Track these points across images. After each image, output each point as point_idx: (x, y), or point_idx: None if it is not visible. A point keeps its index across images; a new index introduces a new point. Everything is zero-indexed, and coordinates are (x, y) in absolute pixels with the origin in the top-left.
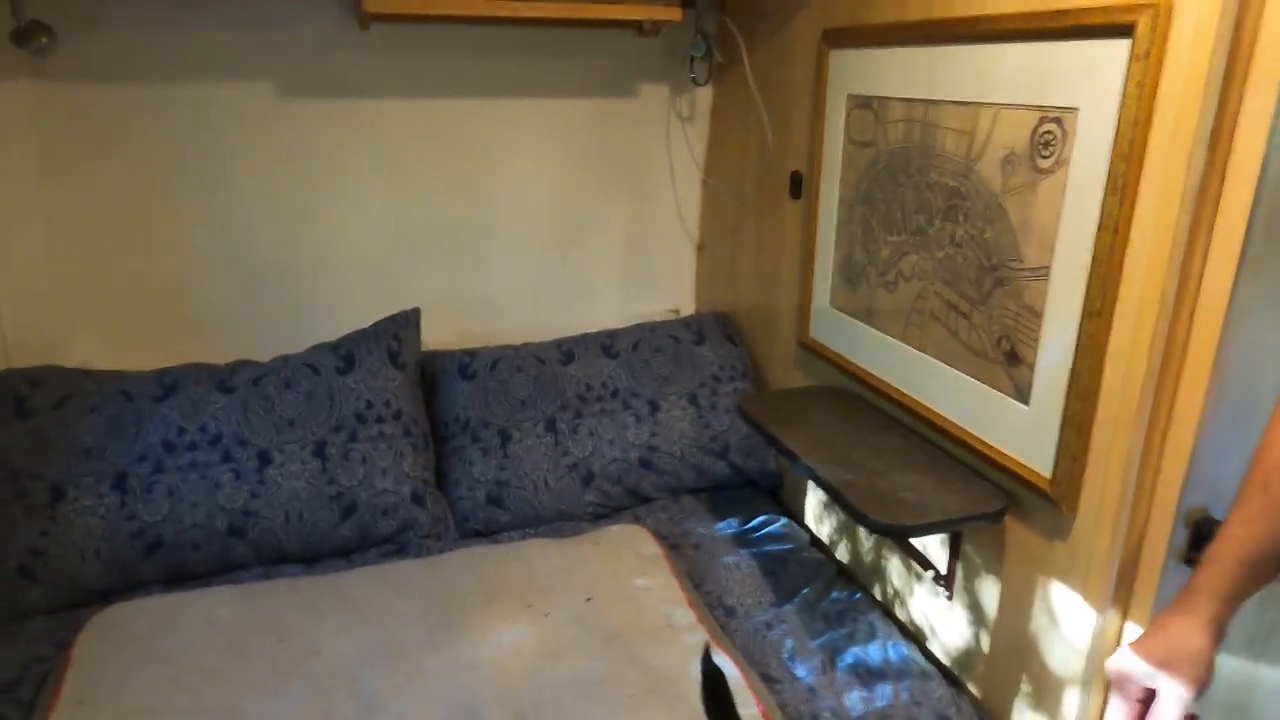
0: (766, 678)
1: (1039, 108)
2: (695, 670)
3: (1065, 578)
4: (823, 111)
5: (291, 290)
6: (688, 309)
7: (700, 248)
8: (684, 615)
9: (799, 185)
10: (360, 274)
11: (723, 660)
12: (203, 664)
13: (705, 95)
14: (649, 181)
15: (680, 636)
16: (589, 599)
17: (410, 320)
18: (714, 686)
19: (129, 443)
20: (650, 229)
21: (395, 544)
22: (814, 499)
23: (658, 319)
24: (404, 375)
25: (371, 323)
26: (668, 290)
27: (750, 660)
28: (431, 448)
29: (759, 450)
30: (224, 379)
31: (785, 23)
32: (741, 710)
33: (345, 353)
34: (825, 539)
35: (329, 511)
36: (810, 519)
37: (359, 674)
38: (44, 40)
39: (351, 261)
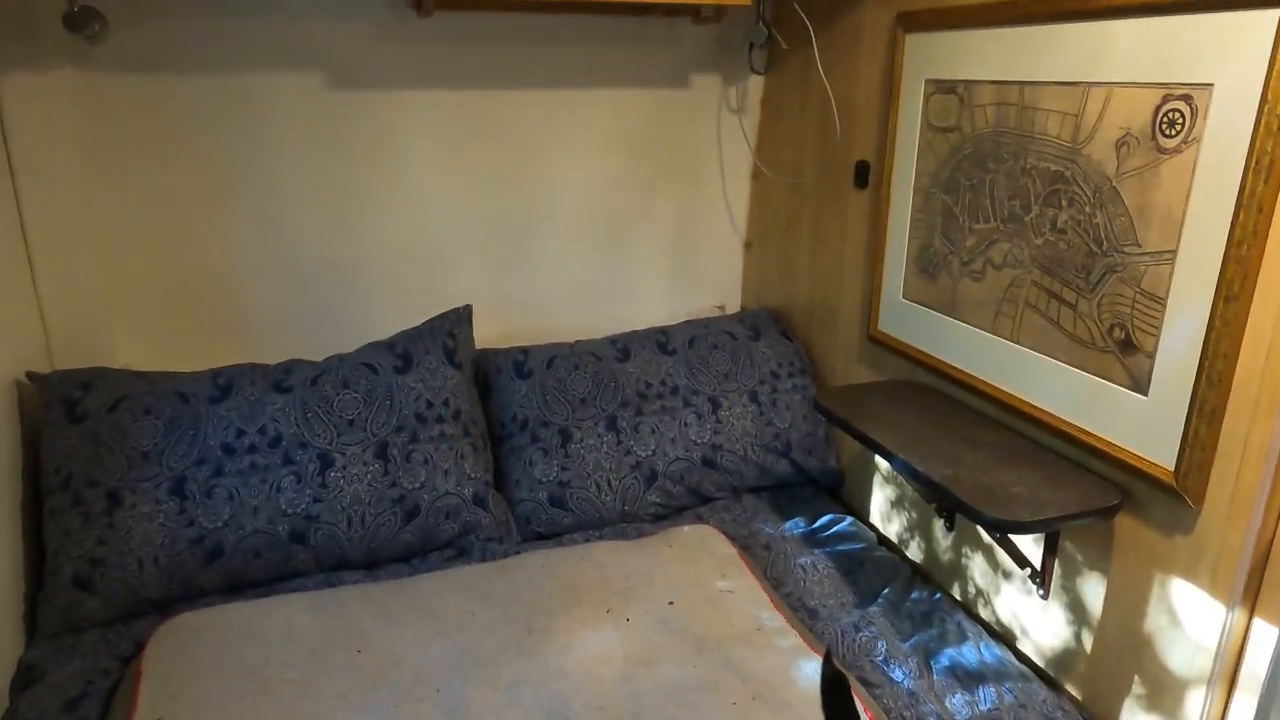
0: (864, 681)
1: (1163, 85)
2: (796, 672)
3: (1188, 573)
4: (896, 97)
5: (337, 287)
6: (733, 305)
7: (748, 244)
8: (772, 618)
9: (865, 175)
10: (406, 270)
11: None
12: (286, 676)
13: (756, 86)
14: (698, 174)
15: (773, 640)
16: (671, 602)
17: (463, 317)
18: (837, 692)
19: (187, 446)
20: (697, 223)
21: (456, 548)
22: (880, 496)
23: (704, 315)
24: (461, 374)
25: (419, 320)
26: (713, 286)
27: (844, 664)
28: (489, 449)
29: (820, 448)
30: (279, 379)
31: (854, 7)
32: None
33: (402, 351)
34: (894, 537)
35: (391, 515)
36: (877, 517)
37: (444, 684)
38: (96, 27)
39: (397, 257)
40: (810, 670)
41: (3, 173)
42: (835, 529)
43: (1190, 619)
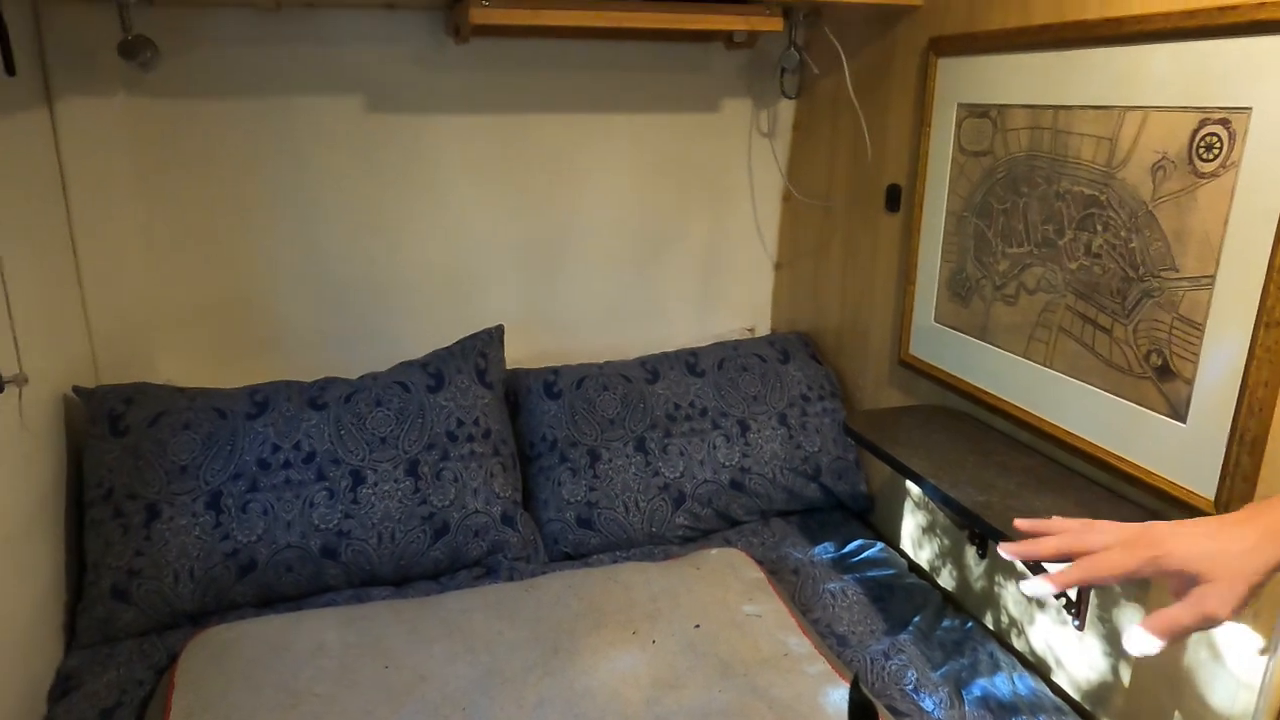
0: (893, 710)
1: (1200, 109)
2: (823, 699)
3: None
4: (928, 121)
5: (372, 306)
6: (763, 327)
7: (778, 266)
8: (799, 643)
9: (897, 198)
10: (440, 290)
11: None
12: (315, 690)
13: (787, 110)
14: (728, 198)
15: (800, 666)
16: (697, 625)
17: (494, 337)
18: (864, 718)
19: (224, 460)
20: (727, 246)
21: (484, 566)
22: (911, 522)
23: (733, 337)
24: (492, 394)
25: (452, 339)
26: (743, 308)
27: (873, 692)
28: (518, 468)
29: (850, 472)
30: (314, 396)
31: (886, 32)
32: None
33: (434, 370)
34: (925, 564)
35: (421, 532)
36: (907, 543)
37: (471, 702)
38: (149, 55)
39: (432, 277)
40: (837, 697)
41: (57, 192)
42: (865, 554)
43: (1232, 655)
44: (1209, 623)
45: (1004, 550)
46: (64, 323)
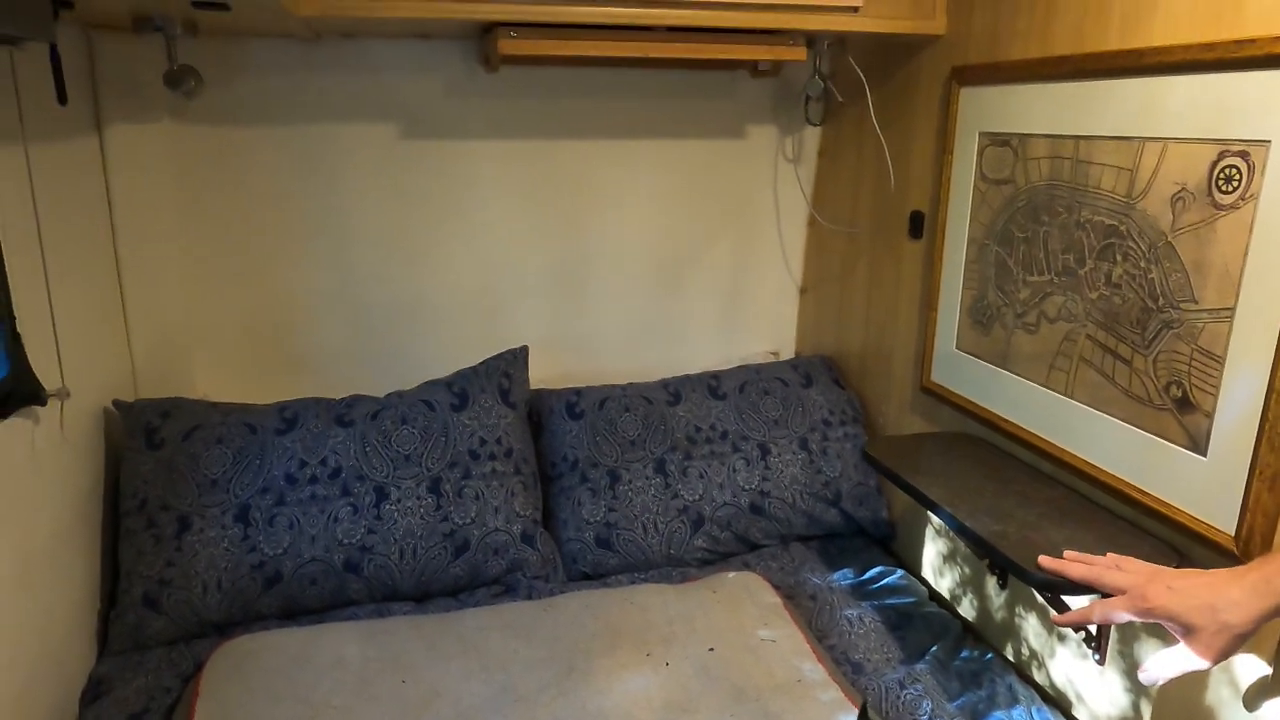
0: None
1: (1219, 141)
2: None
3: (1253, 646)
4: (950, 149)
5: (401, 327)
6: (787, 352)
7: (803, 290)
8: (813, 670)
9: (920, 225)
10: (464, 313)
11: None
12: (333, 703)
13: (812, 136)
14: (753, 223)
15: (813, 693)
16: (711, 649)
17: (519, 358)
18: None
19: (253, 475)
20: (752, 271)
21: (503, 584)
22: (932, 550)
23: (757, 361)
24: (515, 413)
25: (478, 360)
26: (767, 333)
27: None
28: (539, 487)
29: (871, 498)
30: (341, 413)
31: (909, 61)
32: None
33: (459, 390)
34: (946, 593)
35: (442, 549)
36: (928, 571)
37: (483, 719)
38: (193, 84)
39: (456, 301)
40: None
41: (104, 214)
42: (884, 582)
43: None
44: (1195, 666)
45: (1041, 562)
46: (106, 339)
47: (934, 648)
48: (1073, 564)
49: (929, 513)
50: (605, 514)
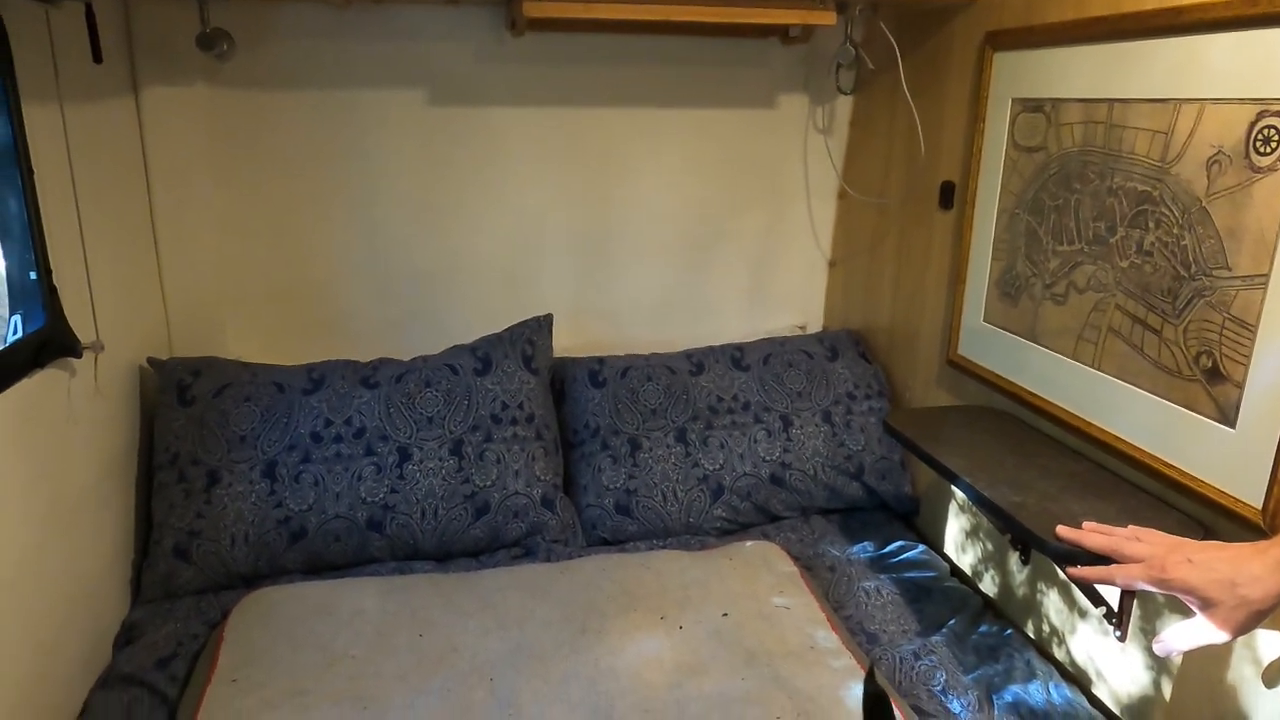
0: (918, 710)
1: (1258, 101)
2: (845, 693)
3: (1275, 621)
4: (983, 116)
5: (428, 293)
6: (815, 325)
7: (832, 264)
8: (827, 638)
9: (950, 196)
10: (492, 279)
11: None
12: (351, 653)
13: (844, 105)
14: (782, 194)
15: (825, 659)
16: (725, 614)
17: (543, 325)
18: (877, 709)
19: (280, 432)
20: (780, 242)
21: (523, 547)
22: (955, 526)
23: (784, 334)
24: (537, 379)
25: (503, 328)
26: (795, 305)
27: (899, 690)
28: (560, 453)
29: (894, 473)
30: (367, 375)
31: (942, 26)
32: None
33: (483, 354)
34: (968, 569)
35: (463, 510)
36: (951, 547)
37: (497, 674)
38: (225, 46)
39: (484, 267)
40: (860, 692)
41: (140, 176)
42: (905, 556)
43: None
44: (1212, 640)
45: (1059, 531)
46: (142, 298)
47: (951, 621)
48: (1090, 534)
49: (952, 488)
50: (625, 481)
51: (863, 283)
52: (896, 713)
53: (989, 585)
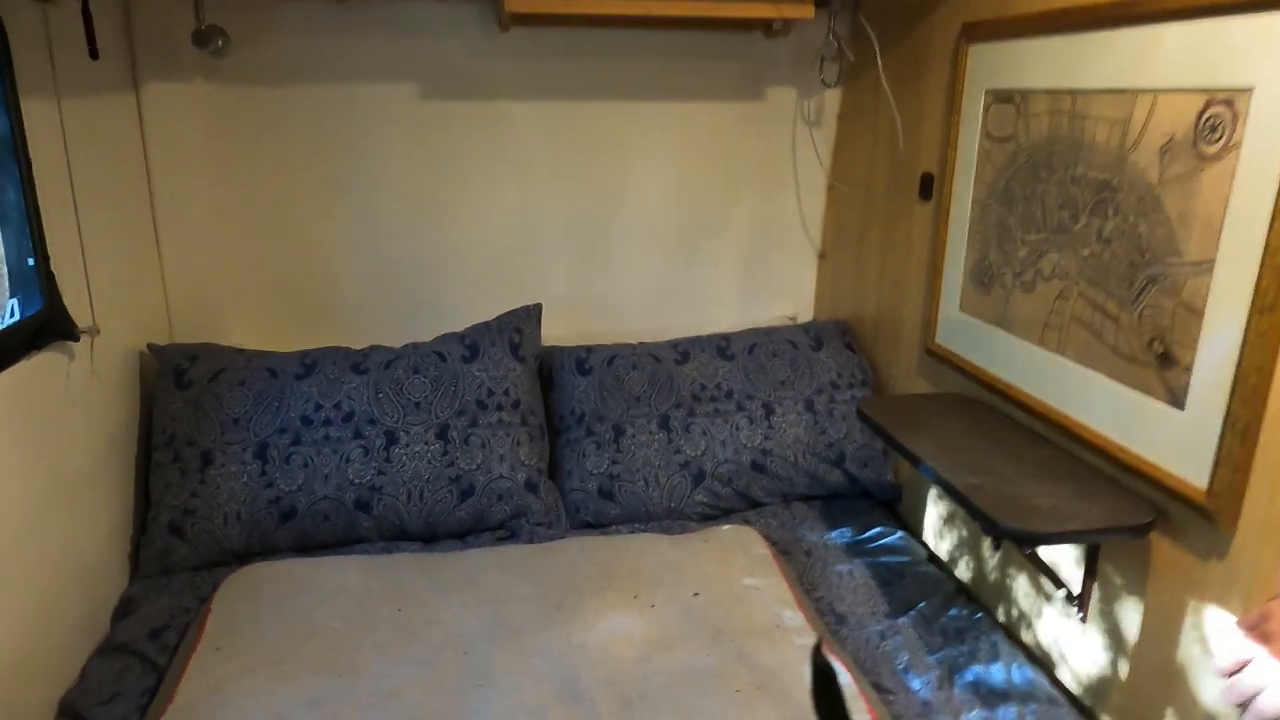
0: (878, 687)
1: (1205, 90)
2: (805, 669)
3: (1223, 600)
4: (958, 108)
5: (423, 284)
6: (805, 316)
7: (822, 255)
8: (793, 617)
9: (929, 187)
10: (487, 270)
11: (834, 664)
12: (331, 625)
13: (833, 99)
14: (772, 186)
15: (789, 637)
16: (696, 594)
17: (532, 315)
18: (824, 684)
19: (271, 415)
20: (771, 234)
21: (508, 529)
22: (934, 513)
23: (774, 325)
24: (524, 367)
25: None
26: (786, 296)
27: (861, 669)
28: (546, 439)
29: (876, 461)
30: (358, 361)
31: (921, 19)
32: (853, 716)
33: (470, 342)
34: (945, 555)
35: (448, 493)
36: (929, 534)
37: (472, 647)
38: (220, 43)
39: (479, 258)
40: None
41: (140, 168)
42: (882, 541)
43: (1223, 651)
44: None
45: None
46: (143, 287)
47: (922, 604)
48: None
49: None
50: (609, 466)
51: (850, 274)
52: (855, 689)
53: (964, 571)
